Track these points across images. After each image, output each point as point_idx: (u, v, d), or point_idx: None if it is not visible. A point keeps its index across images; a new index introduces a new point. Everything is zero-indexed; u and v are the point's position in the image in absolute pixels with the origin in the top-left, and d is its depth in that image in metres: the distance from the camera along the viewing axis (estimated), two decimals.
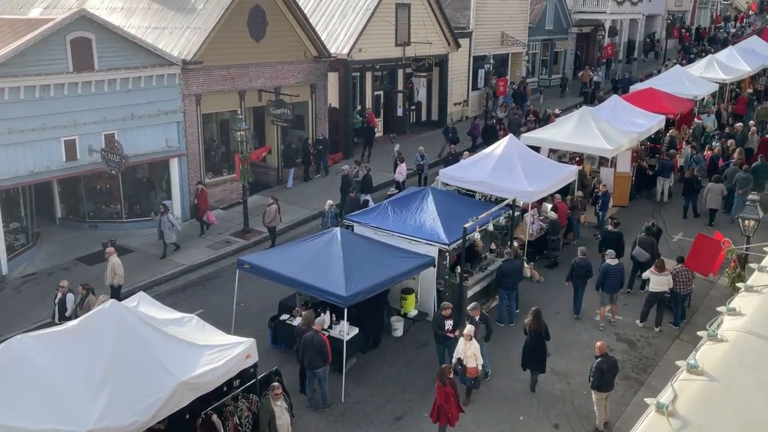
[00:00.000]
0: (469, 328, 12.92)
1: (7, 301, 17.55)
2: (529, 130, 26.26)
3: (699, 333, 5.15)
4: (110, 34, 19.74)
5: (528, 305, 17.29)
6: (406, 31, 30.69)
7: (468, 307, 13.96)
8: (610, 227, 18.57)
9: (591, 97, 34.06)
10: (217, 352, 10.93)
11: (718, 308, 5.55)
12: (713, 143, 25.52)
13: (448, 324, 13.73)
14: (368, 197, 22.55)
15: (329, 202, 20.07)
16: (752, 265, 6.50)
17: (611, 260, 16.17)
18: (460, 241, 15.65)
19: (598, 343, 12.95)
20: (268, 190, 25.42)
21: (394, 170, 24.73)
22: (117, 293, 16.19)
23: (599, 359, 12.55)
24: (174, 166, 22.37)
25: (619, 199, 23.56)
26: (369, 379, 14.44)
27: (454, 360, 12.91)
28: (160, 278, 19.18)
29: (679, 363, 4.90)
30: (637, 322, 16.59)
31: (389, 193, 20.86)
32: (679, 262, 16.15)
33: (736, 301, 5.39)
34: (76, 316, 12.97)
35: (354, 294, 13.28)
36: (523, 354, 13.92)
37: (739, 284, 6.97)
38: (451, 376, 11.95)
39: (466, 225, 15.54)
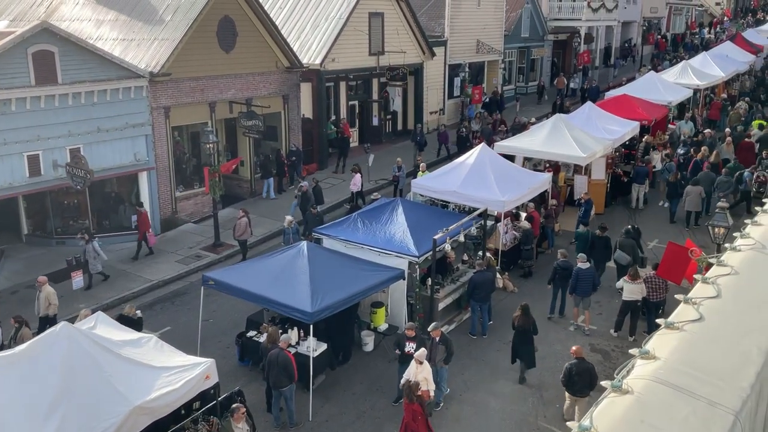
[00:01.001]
0: (420, 352, 12.26)
1: None
2: (501, 139, 26.12)
3: (603, 383, 4.58)
4: (74, 46, 19.36)
5: (501, 316, 17.16)
6: (380, 41, 30.53)
7: (429, 328, 13.42)
8: (598, 232, 18.58)
9: (559, 107, 33.82)
10: (174, 373, 10.59)
11: (630, 350, 5.24)
12: (679, 150, 25.50)
13: (410, 346, 13.06)
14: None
15: (288, 218, 19.68)
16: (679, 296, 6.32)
17: (582, 264, 16.20)
18: (431, 252, 15.41)
19: (574, 347, 12.96)
20: (241, 202, 25.05)
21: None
22: (53, 324, 13.84)
23: (573, 362, 12.63)
24: (143, 179, 21.99)
25: (594, 206, 23.43)
26: (338, 396, 14.12)
27: (402, 382, 12.24)
28: (128, 294, 18.74)
29: (570, 425, 4.36)
30: (612, 331, 16.41)
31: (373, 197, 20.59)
32: (654, 269, 16.04)
33: (652, 342, 4.90)
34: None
35: (320, 310, 12.97)
36: (512, 349, 14.42)
37: None
38: (419, 393, 11.66)
39: (436, 236, 15.30)
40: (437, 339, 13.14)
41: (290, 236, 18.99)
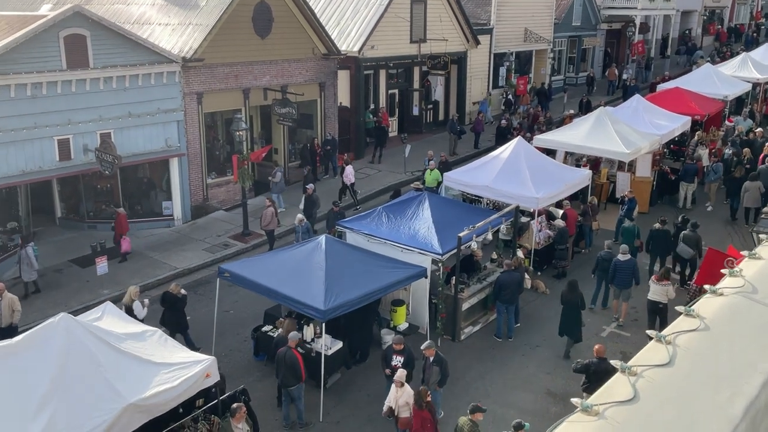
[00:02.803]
0: (400, 374, 11.30)
1: None
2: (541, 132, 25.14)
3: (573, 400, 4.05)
4: (106, 30, 19.25)
5: (530, 319, 16.43)
6: (422, 28, 29.73)
7: (422, 347, 12.43)
8: (657, 225, 17.97)
9: (586, 105, 32.40)
10: (174, 370, 10.23)
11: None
12: (726, 150, 23.96)
13: (397, 360, 12.28)
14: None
15: (299, 216, 19.10)
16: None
17: (622, 255, 15.82)
18: (456, 250, 14.76)
19: (597, 346, 12.40)
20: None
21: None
22: (15, 333, 13.04)
23: (594, 360, 12.11)
24: (174, 166, 21.85)
25: (638, 204, 22.30)
26: (352, 396, 13.64)
27: (384, 409, 11.45)
28: (152, 282, 18.62)
29: (574, 401, 4.09)
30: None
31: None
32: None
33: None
34: None
35: (333, 308, 12.48)
36: (560, 322, 14.80)
37: None
38: (429, 399, 11.08)
39: (461, 234, 14.63)
40: (431, 359, 12.11)
41: (300, 234, 18.44)
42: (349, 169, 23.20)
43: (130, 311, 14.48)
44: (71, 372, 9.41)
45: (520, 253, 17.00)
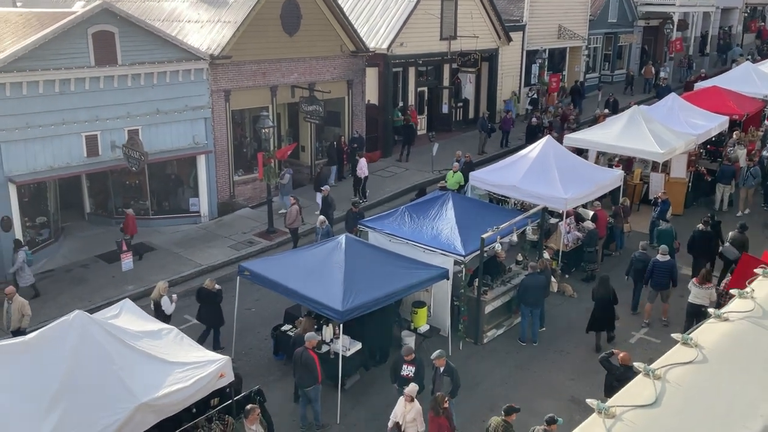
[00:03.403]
0: (411, 388, 10.77)
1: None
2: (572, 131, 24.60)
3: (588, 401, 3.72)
4: (134, 27, 19.32)
5: (555, 322, 16.05)
6: (452, 25, 29.35)
7: (432, 356, 12.00)
8: (700, 226, 17.61)
9: (613, 104, 31.61)
10: (187, 370, 10.13)
11: None
12: (764, 153, 23.11)
13: (408, 369, 11.93)
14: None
15: (321, 218, 18.81)
16: None
17: (662, 256, 15.48)
18: (479, 252, 14.44)
19: (622, 354, 11.94)
20: (301, 188, 24.65)
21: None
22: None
23: (620, 368, 11.72)
24: (201, 162, 21.88)
25: (673, 206, 21.65)
26: (369, 399, 13.43)
27: (390, 424, 11.00)
28: (177, 278, 18.64)
29: (590, 402, 3.86)
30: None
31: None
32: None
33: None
34: None
35: (351, 308, 12.29)
36: (590, 317, 14.86)
37: None
38: (446, 405, 10.80)
39: (485, 235, 14.32)
40: (441, 369, 11.67)
41: (320, 236, 18.16)
42: (363, 162, 22.97)
43: (158, 306, 14.58)
44: (84, 370, 9.37)
45: (546, 255, 16.62)
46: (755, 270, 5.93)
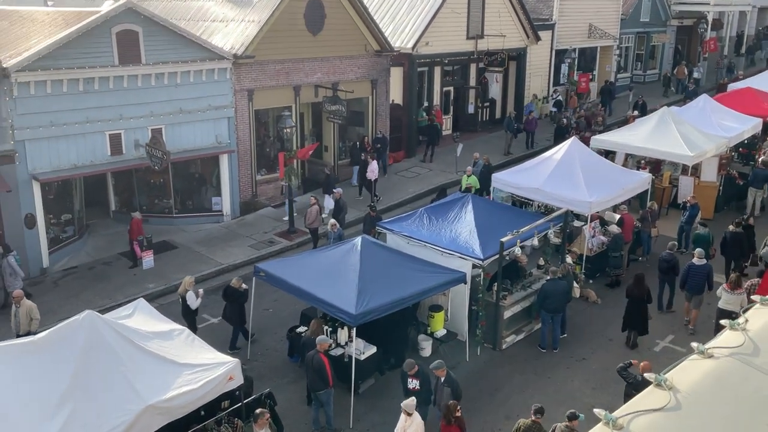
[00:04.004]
0: (409, 402, 10.45)
1: (43, 295, 17.45)
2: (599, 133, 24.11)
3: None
4: (158, 26, 19.38)
5: (578, 329, 15.70)
6: (479, 24, 29.01)
7: (431, 366, 11.71)
8: (731, 227, 17.46)
9: (641, 107, 30.88)
10: (197, 372, 10.07)
11: None
12: None
13: (413, 383, 11.69)
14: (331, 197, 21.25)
15: (332, 221, 18.61)
16: None
17: (698, 260, 15.24)
18: (497, 256, 14.17)
19: (643, 363, 11.54)
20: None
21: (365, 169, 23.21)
22: None
23: (639, 377, 11.26)
24: (224, 162, 21.89)
25: (702, 211, 21.07)
26: (384, 403, 13.22)
27: None
28: (197, 277, 18.57)
29: (597, 412, 3.83)
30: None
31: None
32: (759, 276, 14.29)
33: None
34: None
35: (364, 312, 12.11)
36: (624, 316, 14.88)
37: None
38: (459, 414, 10.57)
39: (504, 239, 14.03)
40: (442, 379, 11.42)
41: (332, 240, 17.88)
42: (374, 165, 22.80)
43: (184, 301, 14.68)
44: (92, 371, 9.34)
45: (569, 259, 16.26)
46: (752, 297, 5.28)
